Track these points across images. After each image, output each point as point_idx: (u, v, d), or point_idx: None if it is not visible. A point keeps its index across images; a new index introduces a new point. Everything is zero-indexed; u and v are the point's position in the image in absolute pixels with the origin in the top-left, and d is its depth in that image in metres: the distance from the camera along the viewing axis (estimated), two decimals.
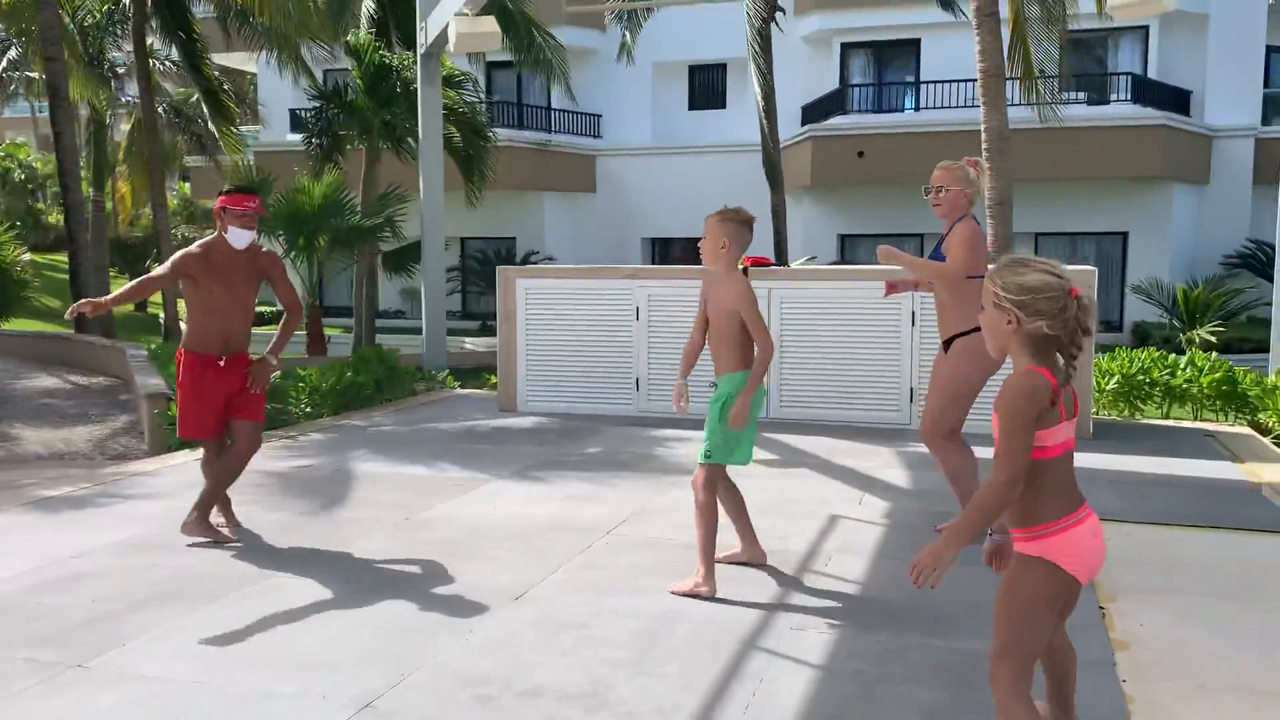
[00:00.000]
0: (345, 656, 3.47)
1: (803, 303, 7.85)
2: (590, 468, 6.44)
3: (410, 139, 14.58)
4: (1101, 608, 3.91)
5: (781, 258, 16.64)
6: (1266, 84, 20.59)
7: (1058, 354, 2.42)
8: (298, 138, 17.73)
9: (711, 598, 4.00)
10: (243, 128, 22.47)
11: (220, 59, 22.92)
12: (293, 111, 22.69)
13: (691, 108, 24.81)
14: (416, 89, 12.17)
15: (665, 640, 3.61)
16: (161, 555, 4.63)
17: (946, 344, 4.83)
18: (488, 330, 20.25)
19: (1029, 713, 2.42)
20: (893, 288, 5.22)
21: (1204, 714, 3.08)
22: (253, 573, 4.38)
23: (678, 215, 22.70)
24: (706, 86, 24.81)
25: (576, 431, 7.68)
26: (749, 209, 4.27)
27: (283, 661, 3.42)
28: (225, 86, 20.69)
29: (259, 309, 6.96)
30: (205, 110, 19.82)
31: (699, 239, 4.26)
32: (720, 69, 24.39)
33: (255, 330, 5.26)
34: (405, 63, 14.75)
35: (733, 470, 4.29)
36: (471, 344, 18.03)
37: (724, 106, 24.39)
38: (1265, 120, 20.49)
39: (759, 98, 17.04)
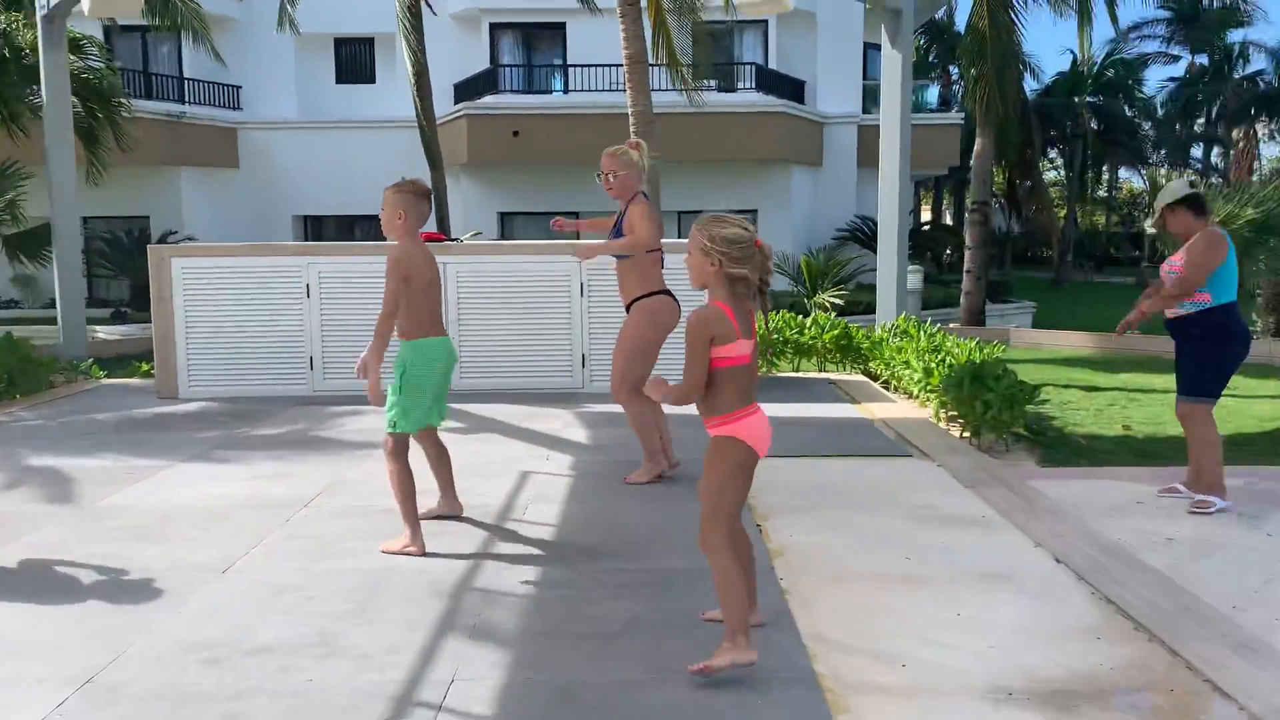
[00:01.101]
0: (54, 640, 3.37)
1: (477, 277, 8.14)
2: (275, 447, 6.37)
3: (23, 109, 13.15)
4: (759, 525, 4.59)
5: (445, 235, 16.78)
6: (866, 76, 23.40)
7: (744, 289, 3.06)
8: None
9: (422, 553, 4.23)
10: None
11: None
12: None
13: (339, 81, 24.15)
14: (28, 54, 11.02)
15: (384, 592, 3.81)
16: None
17: (628, 307, 5.37)
18: (121, 317, 18.69)
19: (732, 560, 3.05)
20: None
21: (841, 596, 3.78)
22: None
23: (331, 192, 22.09)
24: (354, 60, 24.23)
25: (251, 414, 7.50)
26: None
27: None
28: None
29: None
30: None
31: (356, 216, 4.43)
32: (368, 43, 23.93)
33: None
34: (13, 25, 13.27)
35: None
36: (105, 332, 16.57)
37: (374, 81, 23.97)
38: (865, 109, 23.30)
39: (411, 74, 17.01)
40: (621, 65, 11.58)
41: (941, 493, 5.26)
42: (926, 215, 42.33)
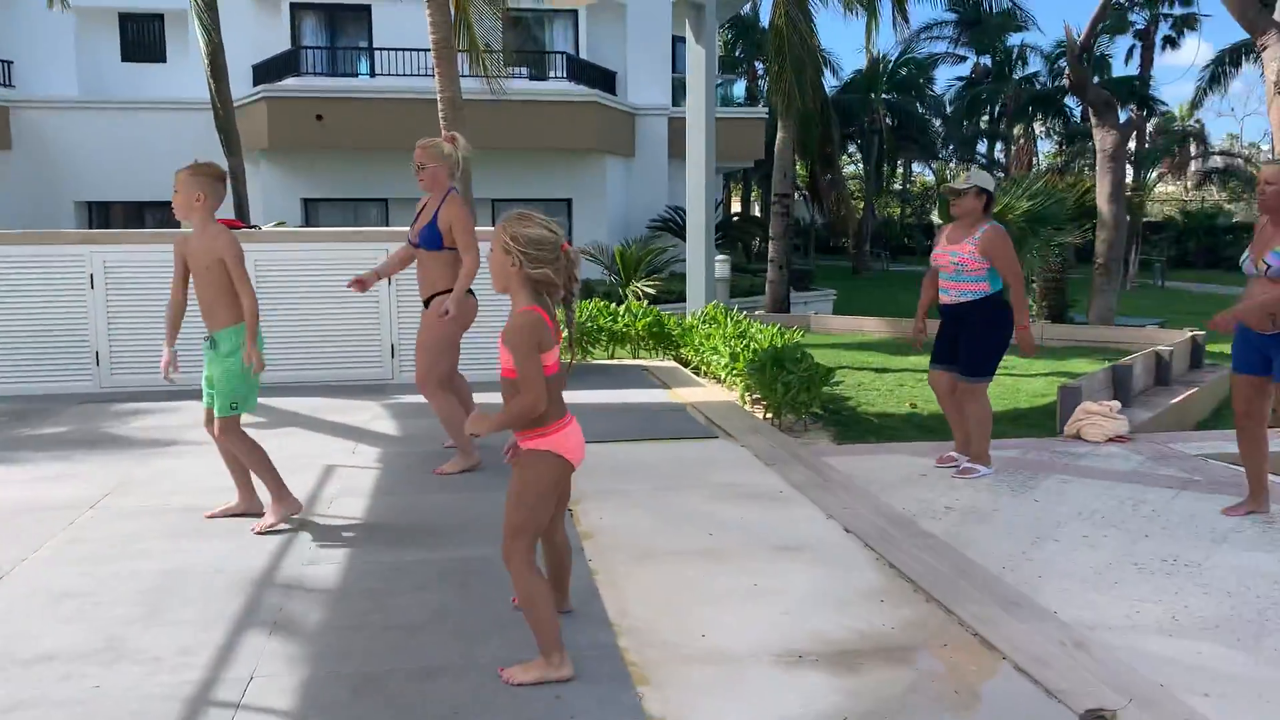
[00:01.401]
0: None
1: (279, 266, 7.86)
2: (55, 447, 5.98)
3: None
4: (570, 509, 4.65)
5: (244, 222, 16.05)
6: (675, 69, 23.86)
7: (548, 296, 2.92)
8: None
9: (298, 511, 4.39)
10: None
11: None
12: None
13: (126, 59, 22.68)
14: None
15: (178, 593, 3.66)
16: None
17: (427, 302, 5.33)
18: None
19: (537, 576, 2.97)
20: (362, 284, 5.44)
21: (647, 574, 3.89)
22: None
23: (119, 177, 20.73)
24: (142, 37, 22.81)
25: (27, 414, 7.00)
26: None
27: None
28: None
29: None
30: None
31: (146, 203, 4.29)
32: (157, 19, 22.58)
33: None
34: None
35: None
36: None
37: (164, 60, 22.63)
38: (675, 101, 23.76)
39: (205, 54, 16.16)
40: (429, 50, 11.38)
41: (744, 471, 5.48)
42: (737, 207, 43.62)
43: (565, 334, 3.02)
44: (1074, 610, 3.73)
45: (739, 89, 37.82)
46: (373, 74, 21.53)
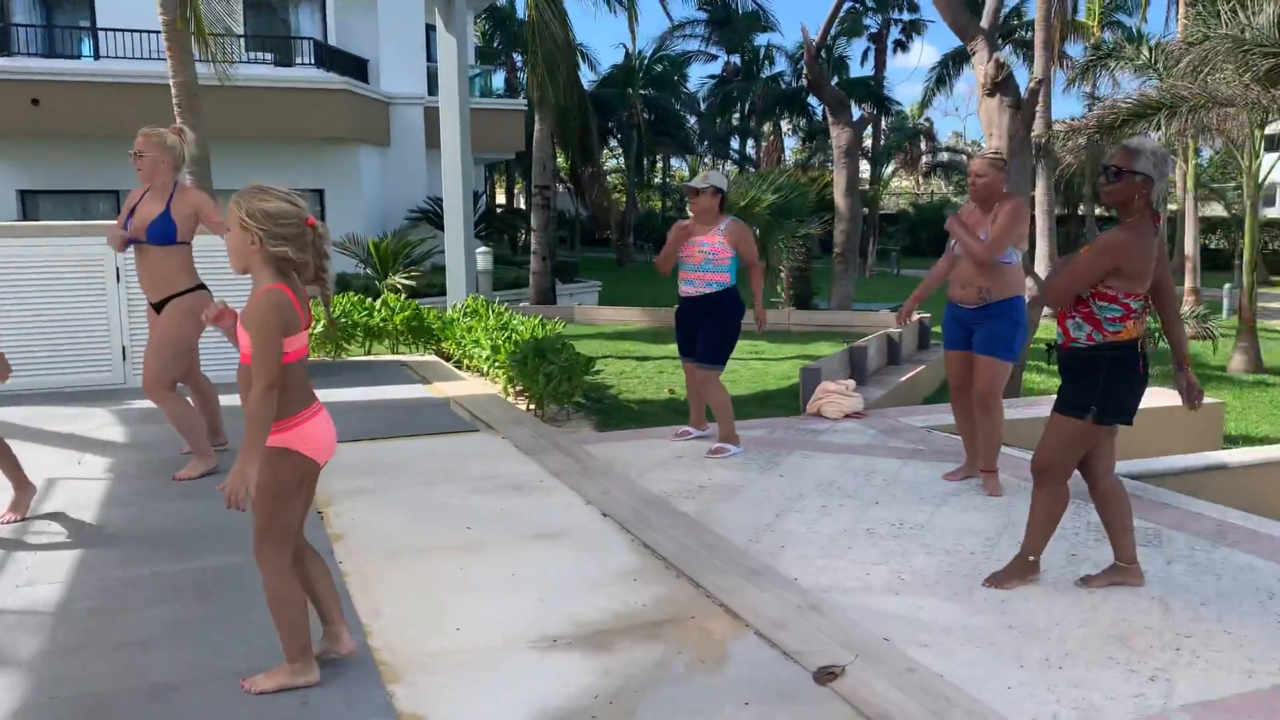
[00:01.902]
0: None
1: None
2: None
3: None
4: (320, 512, 4.50)
5: None
6: (430, 59, 23.41)
7: (297, 274, 2.75)
8: None
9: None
10: None
11: None
12: None
13: None
14: None
15: None
16: None
17: (159, 306, 5.02)
18: None
19: (289, 579, 2.82)
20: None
21: (401, 572, 3.83)
22: None
23: None
24: None
25: None
26: None
27: None
28: None
29: None
30: None
31: None
32: None
33: None
34: None
35: None
36: None
37: None
38: (431, 90, 23.31)
39: None
40: (159, 32, 10.65)
41: (505, 463, 5.48)
42: (502, 199, 43.42)
43: (320, 317, 2.90)
44: (812, 576, 3.97)
45: (499, 80, 37.65)
46: (97, 56, 19.87)
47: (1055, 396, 3.77)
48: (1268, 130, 15.94)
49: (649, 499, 4.79)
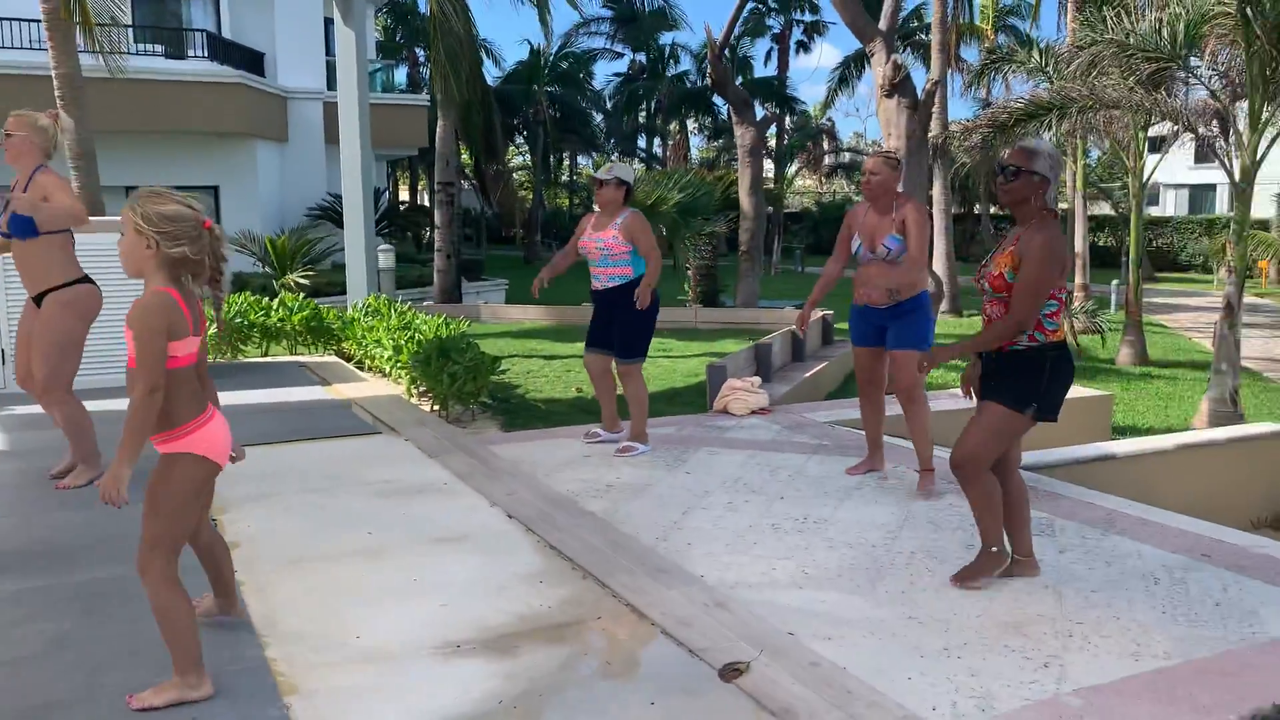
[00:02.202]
0: None
1: None
2: None
3: None
4: (214, 519, 4.34)
5: None
6: (329, 52, 22.91)
7: (193, 277, 2.73)
8: None
9: None
10: None
11: None
12: None
13: None
14: None
15: None
16: None
17: (38, 299, 4.78)
18: None
19: (176, 590, 2.73)
20: None
21: (299, 580, 3.72)
22: None
23: None
24: None
25: None
26: None
27: None
28: None
29: None
30: None
31: None
32: None
33: None
34: None
35: None
36: None
37: None
38: (330, 85, 22.82)
39: None
40: (40, 21, 10.19)
41: (407, 466, 5.38)
42: (407, 195, 42.78)
43: (212, 320, 2.83)
44: (719, 572, 3.98)
45: (401, 75, 37.06)
46: None
47: (983, 388, 3.77)
48: (1151, 132, 16.64)
49: (555, 499, 4.75)
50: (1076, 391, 8.40)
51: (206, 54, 20.12)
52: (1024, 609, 3.60)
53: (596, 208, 5.89)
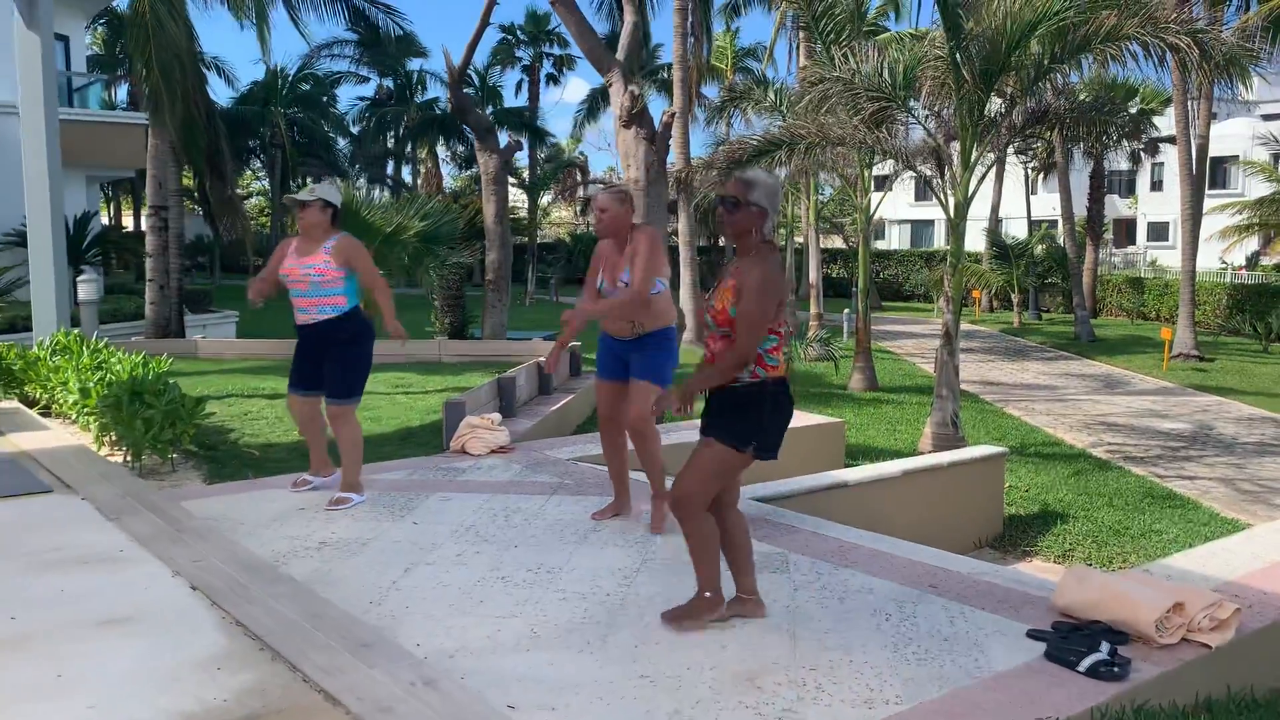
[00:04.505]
0: None
1: None
2: None
3: None
4: None
5: None
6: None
7: None
8: None
9: None
10: None
11: None
12: None
13: None
14: None
15: None
16: None
17: None
18: None
19: None
20: None
21: None
22: None
23: None
24: None
25: None
26: None
27: None
28: None
29: None
30: None
31: None
32: None
33: None
34: None
35: None
36: None
37: None
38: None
39: None
40: None
41: (77, 530, 4.61)
42: (130, 221, 39.48)
43: None
44: (438, 639, 3.57)
45: (122, 93, 34.27)
46: None
47: (703, 424, 3.64)
48: (876, 170, 17.66)
49: (252, 564, 4.17)
50: (810, 419, 8.57)
51: None
52: (758, 656, 3.41)
53: (299, 229, 5.33)
